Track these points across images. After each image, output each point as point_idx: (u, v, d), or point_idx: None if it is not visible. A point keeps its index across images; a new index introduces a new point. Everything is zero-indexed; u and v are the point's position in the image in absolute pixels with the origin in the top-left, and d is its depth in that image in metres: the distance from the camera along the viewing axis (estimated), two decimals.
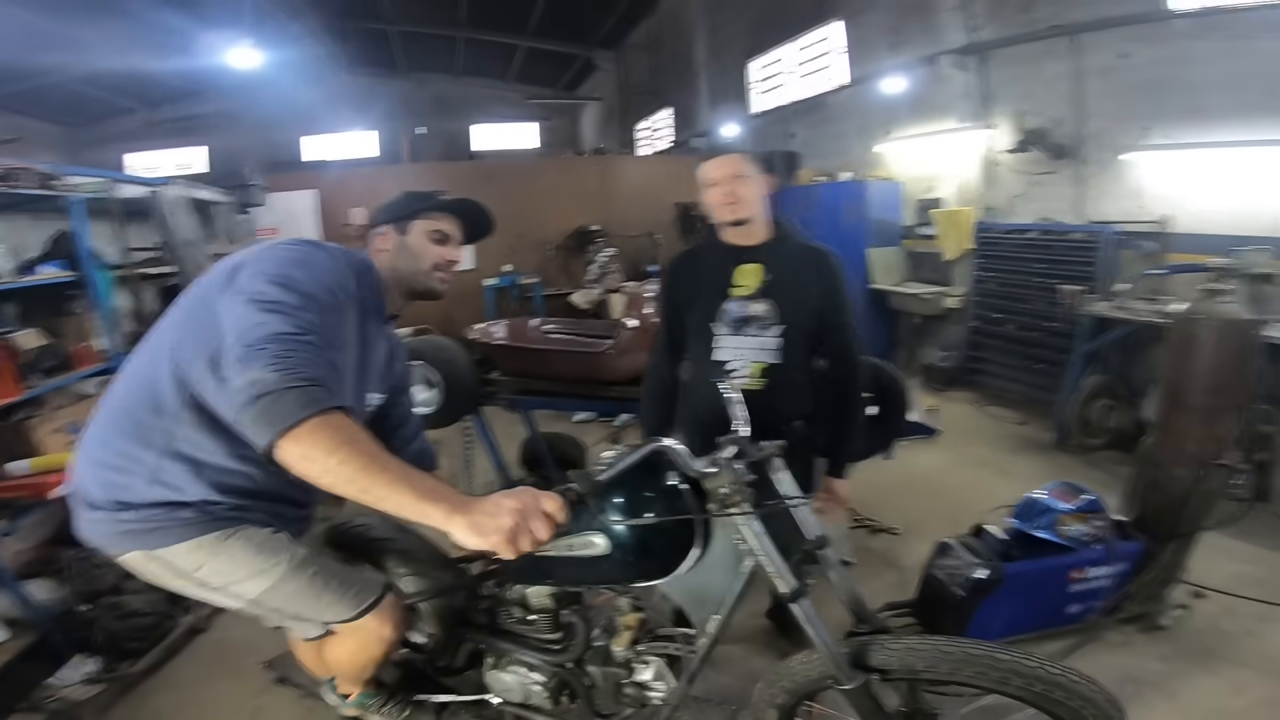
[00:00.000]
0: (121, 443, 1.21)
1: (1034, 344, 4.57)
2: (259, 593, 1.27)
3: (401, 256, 1.40)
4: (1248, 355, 2.01)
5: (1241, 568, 2.71)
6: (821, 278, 1.75)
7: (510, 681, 1.59)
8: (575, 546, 1.27)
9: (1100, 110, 4.44)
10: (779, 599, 1.26)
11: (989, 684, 1.20)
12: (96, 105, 11.26)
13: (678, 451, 1.17)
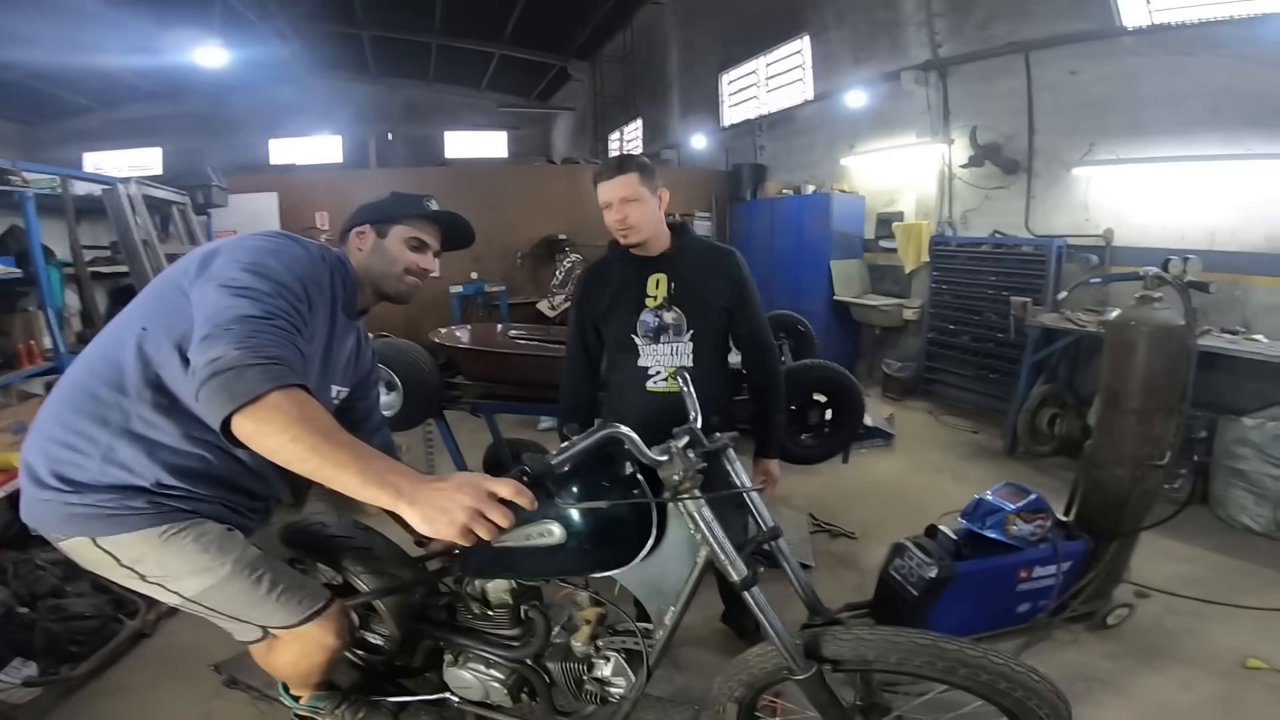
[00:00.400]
0: (77, 420, 1.19)
1: (987, 354, 4.73)
2: (198, 591, 1.25)
3: (376, 257, 1.41)
4: (1180, 360, 2.10)
5: (1181, 567, 2.83)
6: (726, 277, 1.85)
7: (469, 679, 1.58)
8: (533, 536, 1.27)
9: (1049, 126, 4.63)
10: (730, 597, 1.28)
11: (936, 674, 1.22)
12: (55, 103, 10.89)
13: (631, 438, 1.18)
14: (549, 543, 1.26)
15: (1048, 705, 1.21)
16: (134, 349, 1.18)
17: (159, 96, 11.56)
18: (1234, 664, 2.22)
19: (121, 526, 1.18)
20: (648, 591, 1.34)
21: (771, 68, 7.75)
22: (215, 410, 0.94)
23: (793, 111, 7.27)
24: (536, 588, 1.55)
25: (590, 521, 1.26)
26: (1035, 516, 2.21)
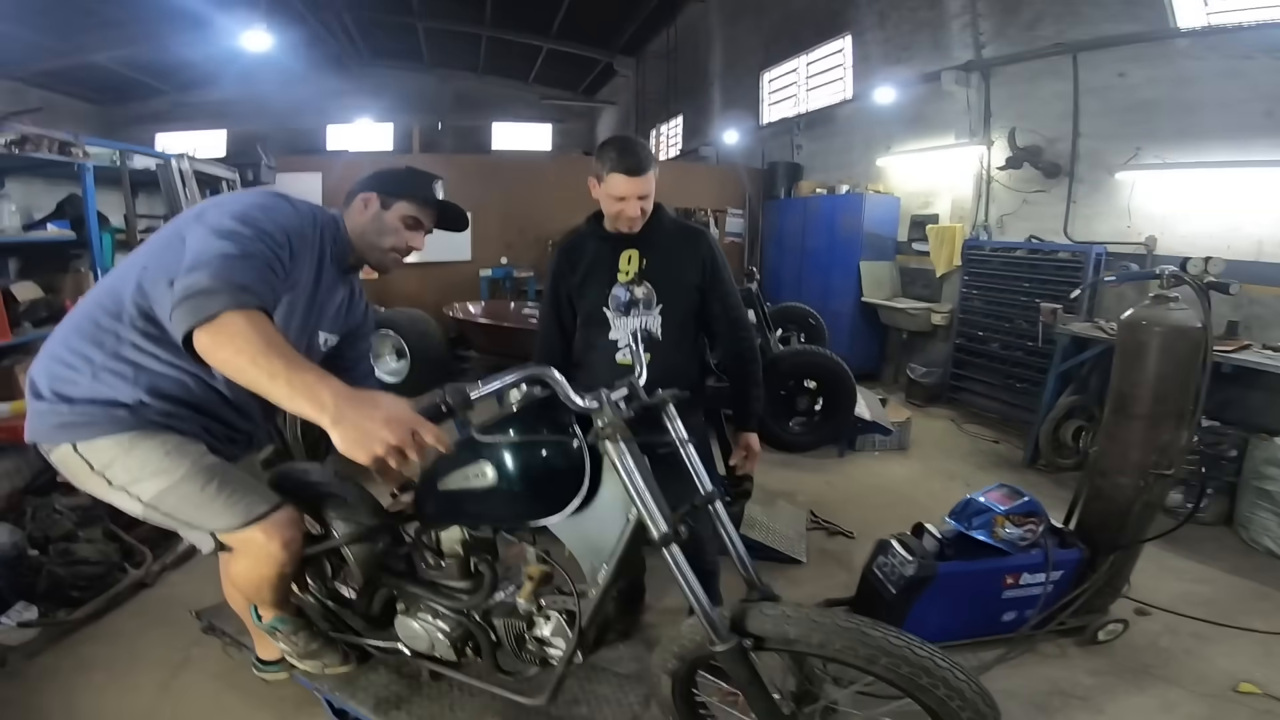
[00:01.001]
0: (77, 341, 1.31)
1: (1015, 363, 4.59)
2: (154, 493, 1.33)
3: (372, 225, 1.48)
4: (1194, 363, 2.00)
5: (1192, 587, 2.71)
6: (697, 255, 1.87)
7: (417, 629, 1.62)
8: (469, 478, 1.31)
9: (1094, 130, 4.46)
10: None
11: (858, 661, 1.18)
12: (131, 86, 11.60)
13: (558, 380, 1.19)
14: (484, 485, 1.29)
15: (971, 708, 1.14)
16: (134, 283, 1.30)
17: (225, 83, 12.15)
18: (1225, 687, 2.12)
19: (97, 432, 1.29)
20: (583, 548, 1.35)
21: (812, 67, 7.67)
22: (179, 327, 1.03)
23: (831, 111, 7.18)
24: (490, 542, 1.58)
25: (521, 467, 1.28)
26: (1027, 520, 2.14)
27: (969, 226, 5.31)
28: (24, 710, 1.96)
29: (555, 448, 1.28)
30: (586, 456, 1.25)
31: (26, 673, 2.12)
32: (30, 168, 3.08)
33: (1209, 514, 3.22)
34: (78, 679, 2.10)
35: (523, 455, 1.29)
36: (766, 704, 1.28)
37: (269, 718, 1.94)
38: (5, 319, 2.67)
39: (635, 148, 1.74)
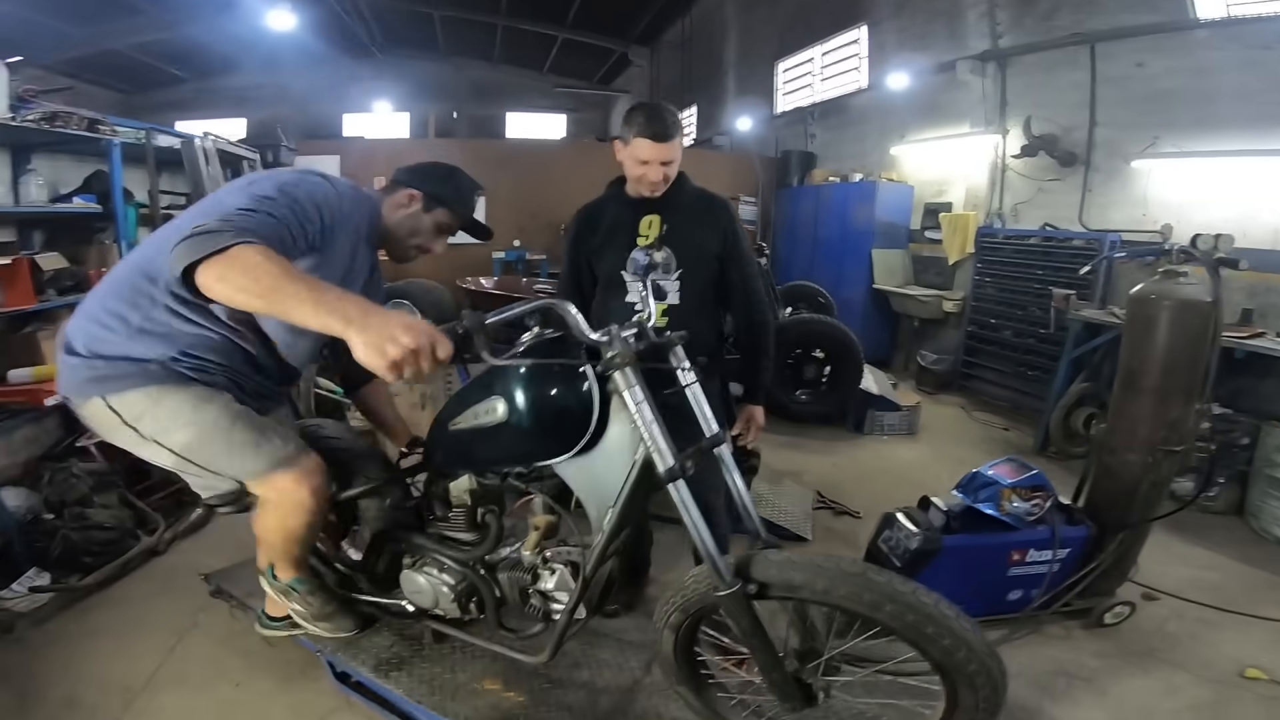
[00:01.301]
0: (114, 303, 1.34)
1: (1027, 350, 4.58)
2: (184, 442, 1.36)
3: (409, 223, 1.52)
4: (1203, 338, 1.99)
5: (1200, 574, 2.70)
6: (718, 224, 1.89)
7: (422, 583, 1.63)
8: (479, 415, 1.33)
9: (1111, 119, 4.45)
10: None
11: (862, 608, 1.14)
12: (152, 74, 11.76)
13: (571, 313, 1.20)
14: (494, 421, 1.31)
15: (977, 659, 1.11)
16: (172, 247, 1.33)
17: (245, 70, 12.30)
18: (1231, 672, 2.11)
19: (127, 385, 1.33)
20: (589, 491, 1.36)
21: (827, 57, 7.64)
22: (179, 260, 1.02)
23: (845, 100, 7.16)
24: (497, 494, 1.59)
25: (531, 402, 1.29)
26: (1034, 494, 2.13)
27: (983, 214, 5.29)
28: (27, 676, 1.99)
29: (565, 385, 1.29)
30: (596, 394, 1.26)
31: (33, 639, 2.15)
32: (58, 144, 3.14)
33: (1220, 503, 3.20)
34: (83, 645, 2.12)
35: (533, 391, 1.30)
36: (769, 655, 1.27)
37: (270, 681, 1.97)
38: (31, 286, 2.74)
39: (663, 114, 1.74)
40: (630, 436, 1.26)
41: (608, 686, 1.78)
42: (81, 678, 1.98)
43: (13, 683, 1.96)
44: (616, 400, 1.26)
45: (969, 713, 1.19)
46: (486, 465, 1.50)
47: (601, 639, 1.99)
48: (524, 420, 1.30)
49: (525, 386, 1.30)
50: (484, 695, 1.72)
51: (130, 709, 1.86)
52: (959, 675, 1.14)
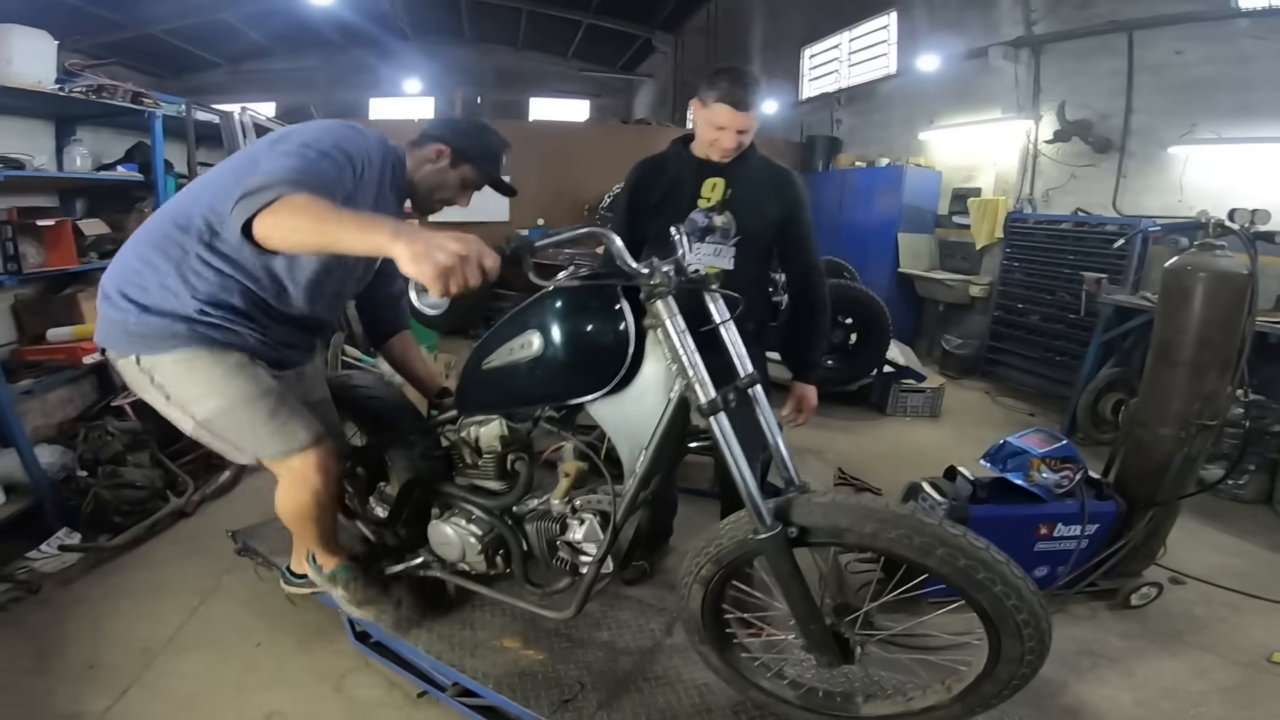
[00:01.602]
0: (148, 250, 1.38)
1: (1055, 336, 4.52)
2: (208, 413, 1.39)
3: (435, 178, 1.51)
4: (1239, 311, 1.95)
5: (1229, 560, 2.66)
6: (782, 195, 1.85)
7: (450, 534, 1.64)
8: (515, 350, 1.33)
9: (1148, 105, 4.39)
10: (730, 504, 1.25)
11: (911, 552, 1.09)
12: (185, 58, 11.95)
13: (613, 239, 1.19)
14: (529, 355, 1.31)
15: (1027, 608, 1.08)
16: (206, 202, 1.34)
17: (275, 54, 12.47)
18: (1259, 657, 2.08)
19: (162, 347, 1.35)
20: (621, 431, 1.34)
21: (855, 43, 7.55)
22: (238, 219, 1.07)
23: (873, 86, 7.09)
24: (527, 441, 1.59)
25: (567, 336, 1.29)
26: (1063, 465, 2.10)
27: (1012, 200, 5.22)
28: (51, 636, 2.02)
29: (602, 320, 1.28)
30: (632, 329, 1.25)
31: (59, 599, 2.19)
32: (101, 117, 3.21)
33: (1249, 490, 3.15)
34: (108, 605, 2.15)
35: (569, 324, 1.29)
36: (808, 605, 1.23)
37: (290, 641, 2.00)
38: (74, 248, 2.81)
39: (747, 82, 1.69)
40: (665, 375, 1.24)
41: (628, 647, 1.78)
42: (104, 638, 2.01)
43: (37, 643, 1.99)
44: (652, 338, 1.25)
45: (1012, 665, 1.15)
46: (520, 403, 1.49)
47: (623, 601, 1.99)
48: (559, 354, 1.29)
49: (562, 320, 1.29)
50: (503, 653, 1.73)
51: (150, 669, 1.89)
52: (1006, 624, 1.10)
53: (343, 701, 1.81)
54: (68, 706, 1.75)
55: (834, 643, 1.27)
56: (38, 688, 1.81)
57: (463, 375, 1.56)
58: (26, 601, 2.15)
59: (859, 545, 1.15)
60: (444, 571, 1.80)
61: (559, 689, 1.60)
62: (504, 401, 1.51)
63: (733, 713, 1.55)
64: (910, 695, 1.35)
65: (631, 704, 1.57)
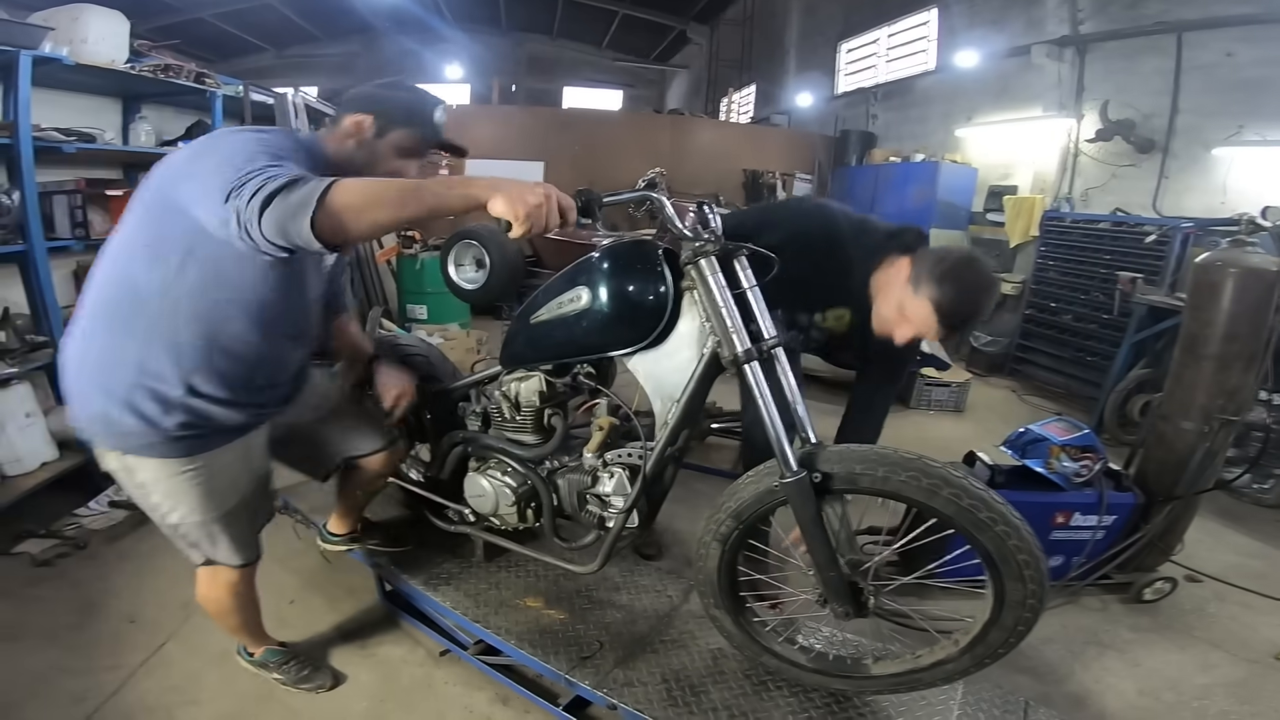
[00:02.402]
0: (109, 337, 1.21)
1: (1087, 336, 4.47)
2: (179, 521, 1.36)
3: (360, 152, 1.32)
4: (1267, 306, 1.96)
5: (1246, 561, 2.65)
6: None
7: (485, 486, 1.71)
8: (564, 304, 1.43)
9: (1194, 106, 4.32)
10: (752, 462, 1.31)
11: (919, 495, 1.15)
12: (233, 42, 12.30)
13: (665, 202, 1.30)
14: (576, 309, 1.41)
15: (1027, 549, 1.13)
16: (143, 264, 1.17)
17: (318, 39, 12.76)
18: (1266, 654, 2.09)
19: (147, 451, 1.25)
20: (655, 384, 1.43)
21: (894, 38, 7.48)
22: (295, 222, 0.96)
23: (910, 82, 7.03)
24: (564, 399, 1.67)
25: (612, 292, 1.38)
26: (1083, 455, 2.12)
27: (1050, 198, 5.16)
28: (96, 591, 2.10)
29: (644, 280, 1.38)
30: (671, 289, 1.35)
31: (105, 555, 2.27)
32: (165, 95, 3.36)
33: (1272, 495, 3.11)
34: (151, 562, 2.22)
35: (614, 282, 1.39)
36: (827, 551, 1.28)
37: (320, 599, 2.09)
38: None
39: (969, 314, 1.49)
40: (698, 333, 1.34)
41: (645, 611, 1.84)
42: (146, 594, 2.09)
43: (79, 598, 2.06)
44: (688, 299, 1.35)
45: (1015, 609, 1.19)
46: (563, 355, 1.57)
47: (643, 567, 2.07)
48: (604, 308, 1.39)
49: (608, 278, 1.40)
50: (526, 611, 1.79)
51: (188, 624, 1.97)
52: (1008, 566, 1.16)
53: (367, 658, 1.89)
54: (106, 659, 1.82)
55: (849, 592, 1.33)
56: (79, 640, 1.89)
57: (509, 331, 1.65)
58: (74, 557, 2.24)
59: (872, 489, 1.21)
60: (474, 528, 1.89)
61: (578, 647, 1.66)
62: (548, 353, 1.58)
63: (745, 676, 1.60)
64: (919, 653, 1.40)
65: (647, 664, 1.63)
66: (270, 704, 1.74)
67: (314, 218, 0.96)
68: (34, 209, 2.44)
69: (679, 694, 1.54)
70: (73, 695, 1.70)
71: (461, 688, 1.81)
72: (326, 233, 0.97)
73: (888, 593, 1.37)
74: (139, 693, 1.73)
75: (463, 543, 2.04)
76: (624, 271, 1.40)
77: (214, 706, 1.72)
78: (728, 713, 1.49)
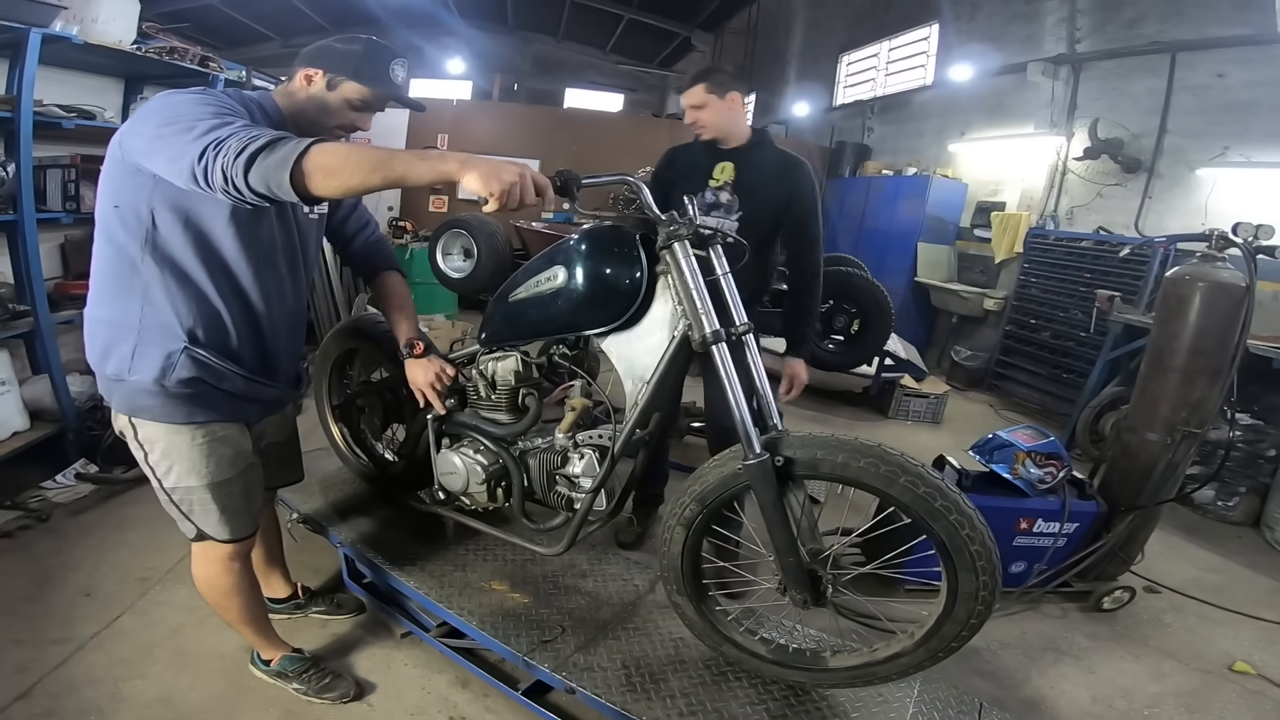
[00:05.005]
0: (109, 301, 1.28)
1: (1064, 353, 4.55)
2: (175, 484, 1.37)
3: (312, 105, 1.32)
4: (1234, 322, 2.00)
5: (1205, 575, 2.70)
6: (785, 181, 2.03)
7: (457, 463, 1.72)
8: (540, 282, 1.46)
9: (1182, 126, 4.38)
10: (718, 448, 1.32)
11: (877, 481, 1.18)
12: (240, 30, 12.28)
13: (642, 188, 1.36)
14: (552, 287, 1.44)
15: (979, 539, 1.16)
16: (120, 227, 1.22)
17: (325, 30, 12.73)
18: (1220, 665, 2.14)
19: (150, 415, 1.31)
20: (626, 365, 1.46)
21: (894, 52, 7.55)
22: (276, 180, 0.99)
23: (907, 96, 7.10)
24: (539, 381, 1.70)
25: (588, 273, 1.41)
26: (1049, 461, 2.15)
27: (1036, 215, 5.23)
28: (54, 564, 2.06)
29: (619, 263, 1.41)
30: (646, 273, 1.39)
31: (68, 528, 2.25)
32: (168, 77, 3.34)
33: (1237, 512, 3.17)
34: (114, 537, 2.21)
35: (590, 264, 1.42)
36: (787, 536, 1.30)
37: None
38: None
39: (691, 72, 2.04)
40: (670, 316, 1.38)
41: (610, 598, 1.86)
42: (105, 568, 2.07)
43: (37, 570, 2.03)
44: (662, 283, 1.38)
45: (968, 601, 1.21)
46: (539, 334, 1.61)
47: (611, 555, 2.09)
48: (580, 288, 1.42)
49: (584, 259, 1.43)
50: (490, 594, 1.80)
51: (145, 598, 1.95)
52: (961, 556, 1.18)
53: (328, 637, 1.89)
54: (57, 631, 1.80)
55: (808, 580, 1.35)
56: (32, 612, 1.86)
57: (488, 310, 1.68)
58: (35, 529, 2.22)
59: (832, 474, 1.25)
60: (444, 508, 1.90)
61: (540, 630, 1.68)
62: (525, 330, 1.62)
63: (705, 666, 1.61)
64: (875, 646, 1.42)
65: (608, 649, 1.65)
66: (216, 680, 1.72)
67: (293, 174, 1.00)
68: (28, 181, 2.45)
69: (638, 680, 1.55)
70: (17, 665, 1.68)
71: (421, 669, 1.82)
72: (302, 189, 1.02)
73: (846, 582, 1.40)
74: (86, 665, 1.71)
75: (431, 526, 2.04)
76: (600, 253, 1.43)
77: (162, 680, 1.69)
78: (685, 700, 1.50)
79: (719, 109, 2.00)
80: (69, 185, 2.72)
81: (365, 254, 1.76)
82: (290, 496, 2.10)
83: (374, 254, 1.78)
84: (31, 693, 1.60)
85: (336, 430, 2.21)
